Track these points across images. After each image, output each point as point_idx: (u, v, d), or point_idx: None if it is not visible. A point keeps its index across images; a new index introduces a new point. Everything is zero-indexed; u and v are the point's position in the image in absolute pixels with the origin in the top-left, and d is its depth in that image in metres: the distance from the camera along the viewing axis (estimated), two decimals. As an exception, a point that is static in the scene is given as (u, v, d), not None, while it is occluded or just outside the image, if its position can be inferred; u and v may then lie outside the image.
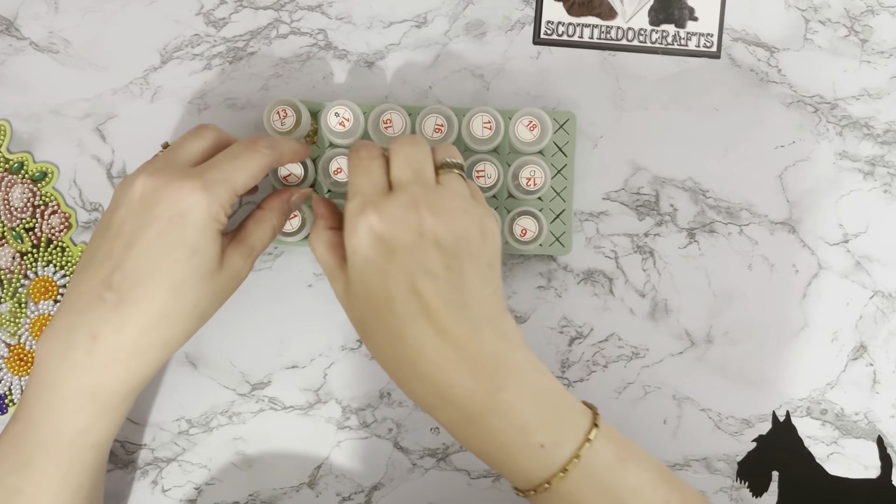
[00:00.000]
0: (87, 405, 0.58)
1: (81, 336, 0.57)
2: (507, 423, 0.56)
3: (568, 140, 0.72)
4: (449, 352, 0.55)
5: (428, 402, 0.57)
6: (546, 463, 0.56)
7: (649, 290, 0.75)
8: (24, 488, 0.59)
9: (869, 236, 0.75)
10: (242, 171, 0.60)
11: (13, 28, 0.76)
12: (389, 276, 0.55)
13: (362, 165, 0.59)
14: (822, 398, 0.75)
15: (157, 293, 0.57)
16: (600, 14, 0.76)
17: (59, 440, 0.58)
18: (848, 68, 0.76)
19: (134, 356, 0.58)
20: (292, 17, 0.76)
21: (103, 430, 0.60)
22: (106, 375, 0.58)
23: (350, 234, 0.57)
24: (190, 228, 0.57)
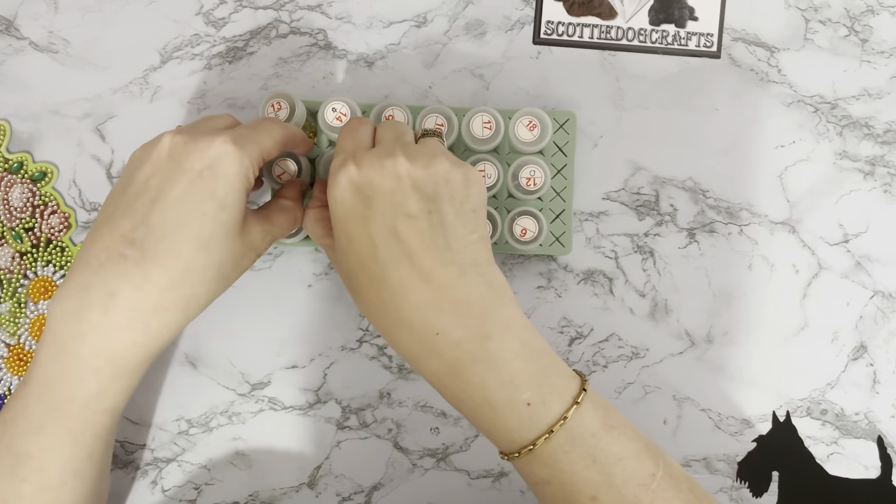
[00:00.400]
0: (102, 368, 0.56)
1: (99, 294, 0.55)
2: (492, 376, 0.55)
3: (568, 140, 0.72)
4: (433, 296, 0.55)
5: (413, 353, 0.56)
6: (532, 423, 0.55)
7: (649, 290, 0.75)
8: (35, 453, 0.57)
9: (869, 236, 0.75)
10: (267, 136, 0.60)
11: (13, 28, 0.76)
12: (370, 222, 0.56)
13: (348, 129, 0.61)
14: (823, 398, 0.75)
15: (182, 247, 0.56)
16: (600, 14, 0.76)
17: (73, 404, 0.57)
18: (848, 68, 0.76)
19: (154, 315, 0.56)
20: (292, 17, 0.76)
21: (117, 395, 0.58)
22: (123, 337, 0.56)
23: (331, 187, 0.57)
24: (221, 180, 0.57)
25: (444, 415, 0.75)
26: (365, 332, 0.75)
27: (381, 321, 0.57)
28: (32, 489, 0.58)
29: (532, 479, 0.58)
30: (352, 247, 0.56)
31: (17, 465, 0.57)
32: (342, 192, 0.56)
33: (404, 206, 0.55)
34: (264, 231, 0.62)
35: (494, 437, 0.58)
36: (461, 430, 0.75)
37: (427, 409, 0.75)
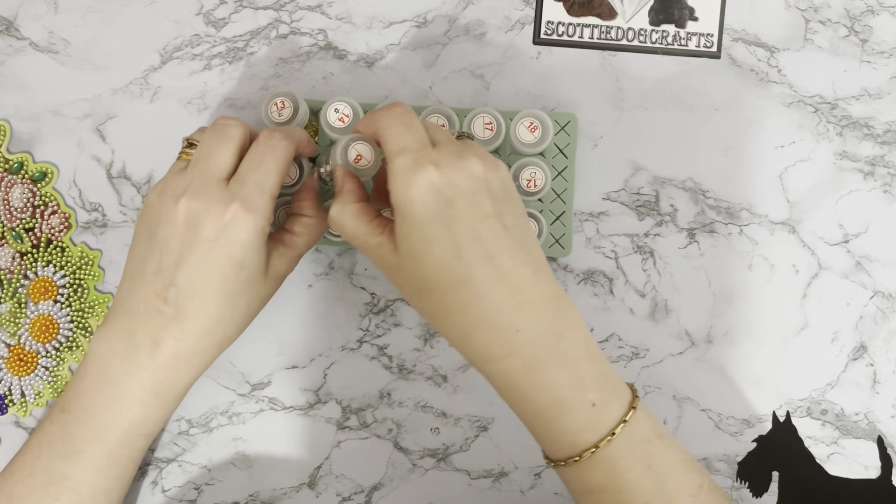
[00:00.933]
0: (147, 399, 0.61)
1: (144, 340, 0.60)
2: (564, 374, 0.57)
3: (569, 142, 0.72)
4: (513, 296, 0.56)
5: (490, 353, 0.57)
6: (595, 424, 0.57)
7: (649, 291, 0.75)
8: (72, 474, 0.62)
9: (869, 236, 0.75)
10: (272, 176, 0.60)
11: (13, 28, 0.76)
12: (452, 224, 0.55)
13: (401, 121, 0.59)
14: (823, 398, 0.75)
15: (210, 304, 0.59)
16: (600, 14, 0.76)
17: (116, 429, 0.61)
18: (848, 68, 0.76)
19: (194, 357, 0.61)
20: (292, 18, 0.76)
21: (158, 421, 0.63)
22: (168, 375, 0.61)
23: (406, 188, 0.56)
24: (237, 247, 0.58)
25: (444, 415, 0.75)
26: (365, 332, 0.75)
27: (460, 323, 0.57)
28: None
29: (585, 487, 0.59)
30: (432, 250, 0.56)
31: (52, 485, 0.62)
32: (422, 194, 0.55)
33: (482, 209, 0.56)
34: (288, 258, 0.64)
35: (555, 441, 0.59)
36: (461, 430, 0.75)
37: (427, 409, 0.75)
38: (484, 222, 0.56)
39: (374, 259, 0.60)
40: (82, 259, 0.74)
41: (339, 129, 0.69)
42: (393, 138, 0.58)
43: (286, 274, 0.65)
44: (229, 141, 0.61)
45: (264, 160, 0.60)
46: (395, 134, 0.58)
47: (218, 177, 0.59)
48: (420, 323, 0.75)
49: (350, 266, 0.75)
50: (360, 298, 0.75)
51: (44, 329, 0.74)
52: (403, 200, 0.56)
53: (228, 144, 0.61)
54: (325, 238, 0.71)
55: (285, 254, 0.64)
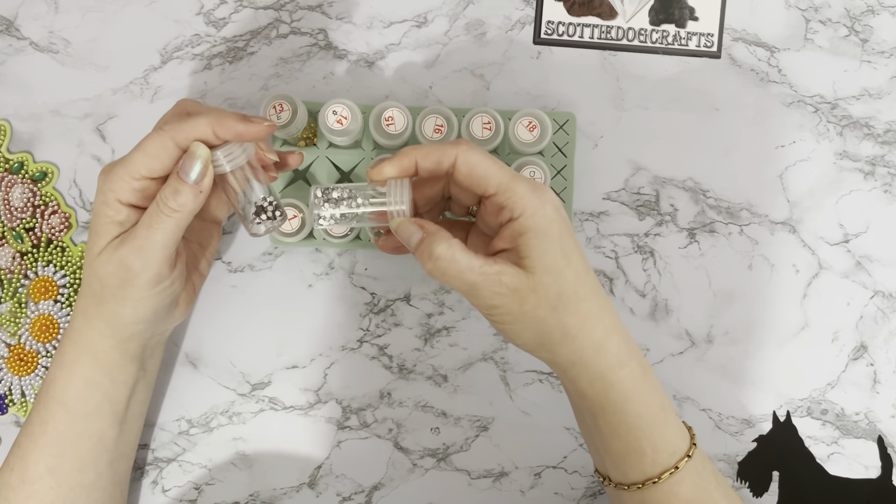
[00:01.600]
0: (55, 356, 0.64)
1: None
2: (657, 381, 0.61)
3: (568, 141, 0.72)
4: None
5: (620, 357, 0.59)
6: (681, 443, 0.60)
7: (650, 290, 0.75)
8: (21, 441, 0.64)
9: (869, 236, 0.75)
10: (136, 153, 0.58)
11: (13, 28, 0.76)
12: (575, 237, 0.59)
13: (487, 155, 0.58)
14: (823, 398, 0.75)
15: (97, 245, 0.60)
16: (601, 14, 0.76)
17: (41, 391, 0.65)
18: (848, 68, 0.76)
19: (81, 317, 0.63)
20: (292, 17, 0.76)
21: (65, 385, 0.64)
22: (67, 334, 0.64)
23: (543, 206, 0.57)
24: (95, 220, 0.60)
25: (444, 415, 0.75)
26: (365, 332, 0.75)
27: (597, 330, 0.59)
28: (17, 480, 0.64)
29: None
30: (572, 261, 0.58)
31: (11, 455, 0.65)
32: (556, 211, 0.58)
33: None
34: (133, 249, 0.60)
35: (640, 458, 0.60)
36: (461, 430, 0.75)
37: (427, 409, 0.75)
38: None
39: (487, 291, 0.57)
40: (82, 259, 0.74)
41: (338, 130, 0.69)
42: (495, 169, 0.58)
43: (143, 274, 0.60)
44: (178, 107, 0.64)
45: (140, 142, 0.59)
46: (495, 165, 0.58)
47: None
48: (420, 323, 0.75)
49: (350, 266, 0.75)
50: (361, 298, 0.75)
51: (44, 329, 0.74)
52: (542, 218, 0.57)
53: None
54: (325, 239, 0.71)
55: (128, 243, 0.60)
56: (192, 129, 0.58)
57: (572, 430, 0.75)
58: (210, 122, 0.58)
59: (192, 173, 0.58)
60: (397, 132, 0.69)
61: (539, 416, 0.75)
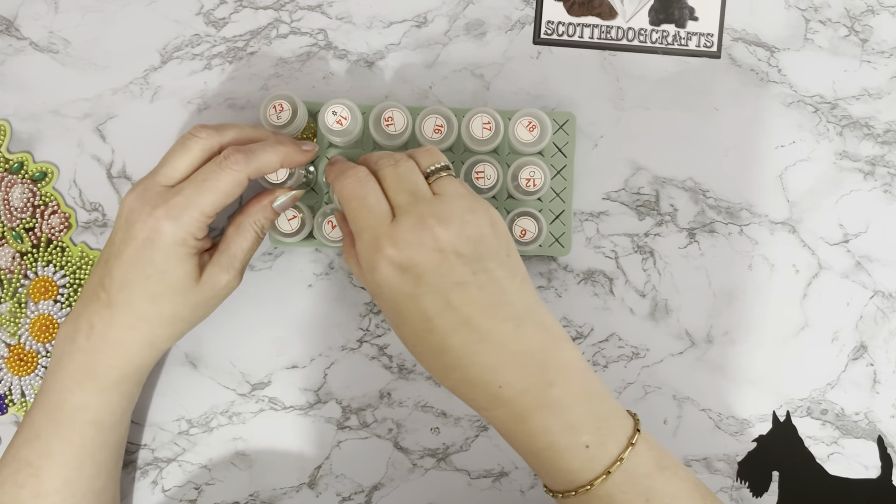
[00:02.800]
0: (84, 382, 0.63)
1: (84, 324, 0.63)
2: (555, 421, 0.57)
3: (567, 141, 0.72)
4: (495, 354, 0.57)
5: (479, 404, 0.59)
6: (590, 464, 0.57)
7: (649, 290, 0.75)
8: (33, 460, 0.64)
9: (869, 236, 0.75)
10: (209, 194, 0.61)
11: (13, 28, 0.76)
12: (421, 300, 0.57)
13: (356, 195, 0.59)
14: (823, 398, 0.75)
15: (135, 300, 0.62)
16: (600, 14, 0.76)
17: (63, 412, 0.63)
18: (848, 68, 0.76)
19: (121, 347, 0.63)
20: (292, 17, 0.76)
21: (100, 408, 0.64)
22: (99, 360, 0.63)
23: (372, 272, 0.58)
24: (157, 252, 0.61)
25: (444, 415, 0.75)
26: (365, 332, 0.75)
27: (446, 381, 0.59)
28: (28, 495, 0.64)
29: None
30: (407, 323, 0.58)
31: (18, 472, 0.64)
32: (385, 277, 0.57)
33: (452, 276, 0.57)
34: (224, 266, 0.65)
35: (553, 478, 0.59)
36: (461, 430, 0.75)
37: (427, 409, 0.75)
38: (455, 290, 0.56)
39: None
40: (82, 259, 0.74)
41: (338, 131, 0.69)
42: (350, 217, 0.59)
43: (229, 284, 0.66)
44: (186, 152, 0.63)
45: (207, 178, 0.62)
46: (351, 213, 0.59)
47: (162, 182, 0.62)
48: (420, 323, 0.75)
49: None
50: (360, 298, 0.75)
51: (44, 329, 0.74)
52: (370, 282, 0.59)
53: (184, 155, 0.63)
54: (323, 240, 0.71)
55: (220, 262, 0.65)
56: (266, 166, 0.63)
57: (572, 430, 0.75)
58: (279, 158, 0.63)
59: (282, 208, 0.67)
60: (397, 132, 0.69)
61: (539, 416, 0.75)
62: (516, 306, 0.58)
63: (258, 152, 0.63)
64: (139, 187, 0.62)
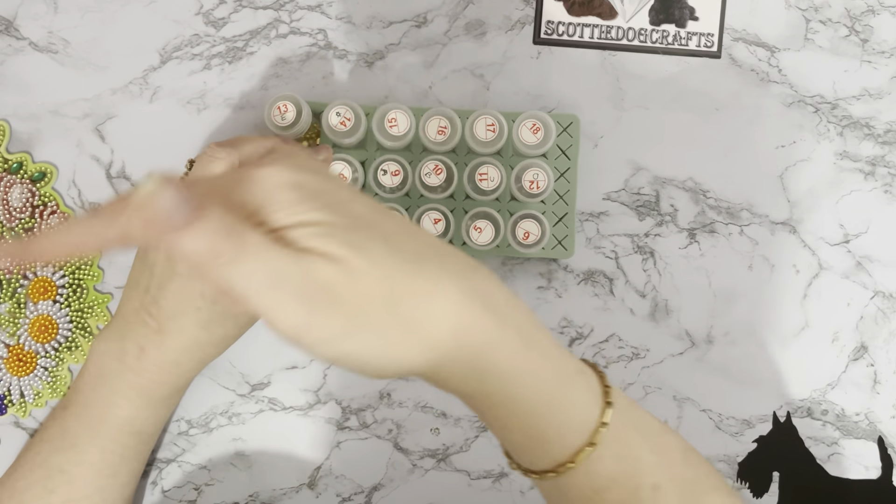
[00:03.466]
0: (135, 399, 0.65)
1: (132, 346, 0.64)
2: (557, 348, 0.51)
3: (571, 143, 0.72)
4: None
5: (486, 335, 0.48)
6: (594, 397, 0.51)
7: (650, 291, 0.75)
8: (67, 468, 0.64)
9: (869, 237, 0.75)
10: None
11: (12, 28, 0.76)
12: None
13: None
14: (823, 399, 0.75)
15: (186, 328, 0.63)
16: (601, 14, 0.76)
17: (107, 424, 0.65)
18: (848, 68, 0.76)
19: (174, 367, 0.65)
20: (292, 17, 0.76)
21: (146, 420, 0.66)
22: (151, 378, 0.64)
23: None
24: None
25: (444, 415, 0.75)
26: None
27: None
28: (59, 500, 0.65)
29: (592, 487, 0.51)
30: None
31: (48, 479, 0.65)
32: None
33: None
34: None
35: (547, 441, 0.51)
36: (461, 431, 0.75)
37: (427, 409, 0.75)
38: None
39: None
40: (82, 259, 0.74)
41: (341, 132, 0.69)
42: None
43: None
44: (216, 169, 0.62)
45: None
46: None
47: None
48: (420, 323, 0.75)
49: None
50: (361, 299, 0.75)
51: (43, 329, 0.74)
52: None
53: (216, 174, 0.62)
54: None
55: None
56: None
57: (572, 431, 0.75)
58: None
59: None
60: (400, 133, 0.69)
61: (539, 417, 0.75)
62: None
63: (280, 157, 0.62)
64: None
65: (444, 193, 0.71)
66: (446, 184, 0.70)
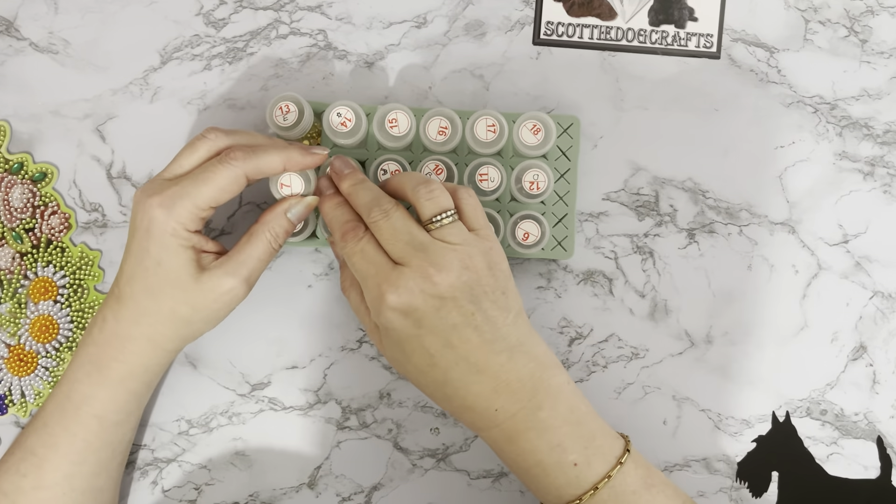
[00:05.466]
0: (92, 373, 0.65)
1: (99, 317, 0.65)
2: (544, 441, 0.61)
3: (571, 144, 0.72)
4: (490, 383, 0.61)
5: (476, 426, 0.63)
6: (578, 481, 0.61)
7: (649, 291, 0.75)
8: (37, 450, 0.65)
9: (869, 237, 0.75)
10: (206, 186, 0.62)
11: (13, 28, 0.76)
12: (424, 340, 0.61)
13: (357, 251, 0.62)
14: (822, 399, 0.75)
15: (137, 293, 0.64)
16: (600, 14, 0.76)
17: (70, 402, 0.65)
18: (848, 69, 0.76)
19: (128, 342, 0.65)
20: (292, 18, 0.76)
21: (105, 403, 0.65)
22: (106, 353, 0.65)
23: (379, 316, 0.61)
24: (152, 241, 0.62)
25: (443, 415, 0.75)
26: (365, 332, 0.75)
27: (448, 407, 0.63)
28: (29, 485, 0.65)
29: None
30: (411, 360, 0.62)
31: (22, 461, 0.65)
32: (390, 321, 0.61)
33: (451, 319, 0.60)
34: (229, 271, 0.64)
35: (543, 494, 0.62)
36: (461, 431, 0.75)
37: (427, 409, 0.75)
38: (453, 331, 0.60)
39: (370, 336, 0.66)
40: (82, 259, 0.74)
41: (342, 132, 0.69)
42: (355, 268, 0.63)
43: (233, 290, 0.65)
44: (193, 151, 0.65)
45: (205, 171, 0.63)
46: (355, 264, 0.63)
47: (166, 177, 0.63)
48: (420, 323, 0.75)
49: (350, 266, 0.75)
50: (360, 299, 0.75)
51: (44, 329, 0.74)
52: (381, 325, 0.62)
53: (190, 155, 0.65)
54: (325, 240, 0.71)
55: (225, 266, 0.64)
56: (266, 165, 0.64)
57: (572, 431, 0.75)
58: (282, 159, 0.65)
59: (297, 217, 0.67)
60: (401, 134, 0.69)
61: (539, 417, 0.75)
62: (510, 339, 0.61)
63: (260, 151, 0.64)
64: (147, 183, 0.64)
65: (444, 194, 0.71)
66: (446, 184, 0.70)
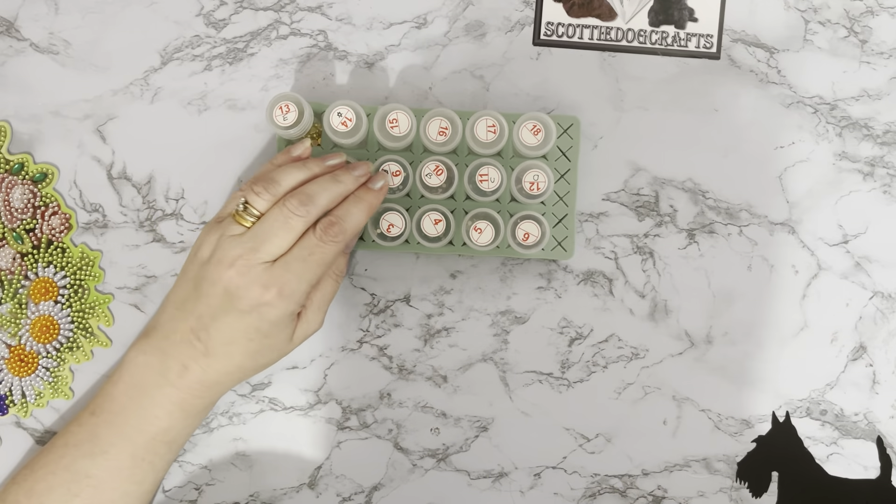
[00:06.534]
0: (174, 411, 0.67)
1: (175, 364, 0.66)
2: None
3: (571, 145, 0.72)
4: None
5: None
6: None
7: (649, 291, 0.75)
8: (94, 473, 0.66)
9: (868, 237, 0.75)
10: (317, 268, 0.65)
11: (13, 29, 0.76)
12: None
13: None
14: (822, 399, 0.75)
15: (235, 356, 0.66)
16: (600, 15, 0.76)
17: (143, 434, 0.66)
18: (847, 69, 0.76)
19: (215, 385, 0.67)
20: (292, 18, 0.76)
21: (180, 431, 0.68)
22: (192, 394, 0.67)
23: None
24: (265, 322, 0.65)
25: (444, 415, 0.75)
26: (365, 332, 0.75)
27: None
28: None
29: None
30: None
31: (73, 482, 0.66)
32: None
33: None
34: (311, 319, 0.69)
35: None
36: (461, 431, 0.75)
37: (427, 409, 0.75)
38: None
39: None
40: (83, 260, 0.74)
41: (343, 132, 0.69)
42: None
43: (316, 329, 0.69)
44: (289, 231, 0.65)
45: (313, 253, 0.65)
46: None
47: (266, 261, 0.64)
48: (420, 324, 0.75)
49: (350, 267, 0.75)
50: (360, 299, 0.75)
51: (44, 330, 0.74)
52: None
53: (287, 235, 0.65)
54: None
55: (308, 317, 0.69)
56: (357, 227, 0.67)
57: (572, 431, 0.75)
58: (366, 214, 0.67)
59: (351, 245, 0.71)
60: (401, 134, 0.69)
61: (538, 417, 0.75)
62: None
63: (348, 218, 0.66)
64: (240, 263, 0.64)
65: (444, 194, 0.71)
66: (447, 184, 0.70)
